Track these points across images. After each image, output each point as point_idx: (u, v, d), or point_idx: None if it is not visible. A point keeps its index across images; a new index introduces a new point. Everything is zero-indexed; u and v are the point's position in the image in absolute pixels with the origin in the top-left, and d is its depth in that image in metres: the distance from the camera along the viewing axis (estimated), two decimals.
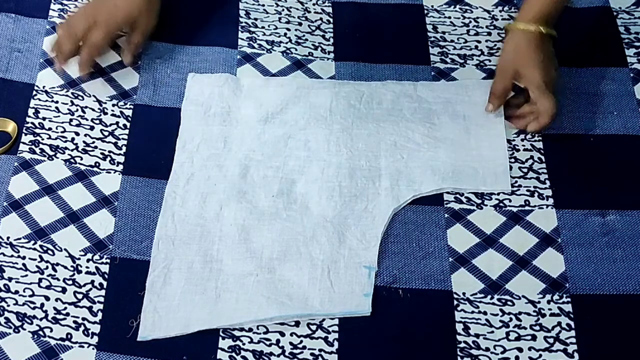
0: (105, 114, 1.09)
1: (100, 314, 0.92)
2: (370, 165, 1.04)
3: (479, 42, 1.18)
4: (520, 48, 1.05)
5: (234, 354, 0.90)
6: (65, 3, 1.21)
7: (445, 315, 0.93)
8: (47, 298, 0.93)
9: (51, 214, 0.99)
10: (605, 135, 1.08)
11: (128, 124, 1.09)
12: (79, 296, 0.94)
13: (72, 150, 1.05)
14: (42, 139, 1.06)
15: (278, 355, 0.90)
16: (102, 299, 0.93)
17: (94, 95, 1.11)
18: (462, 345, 0.91)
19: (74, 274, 0.95)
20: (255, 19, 1.21)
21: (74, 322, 0.92)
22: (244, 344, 0.91)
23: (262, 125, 1.08)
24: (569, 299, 0.94)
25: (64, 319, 0.92)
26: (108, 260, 0.96)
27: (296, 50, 1.18)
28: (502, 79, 1.07)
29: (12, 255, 0.96)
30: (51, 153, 1.05)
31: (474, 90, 1.12)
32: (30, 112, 1.09)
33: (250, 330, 0.92)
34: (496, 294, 0.94)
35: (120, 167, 1.04)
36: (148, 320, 0.91)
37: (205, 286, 0.94)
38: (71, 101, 1.10)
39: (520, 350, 0.91)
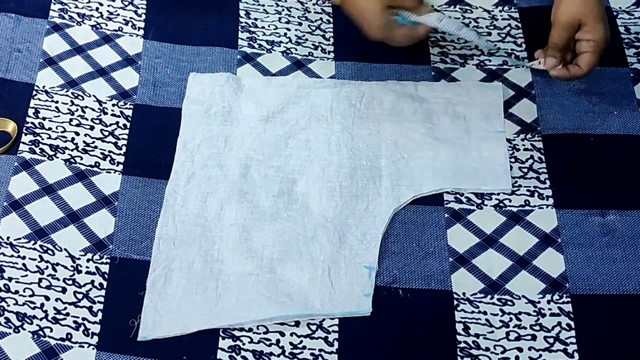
0: (105, 114, 1.09)
1: (100, 314, 0.92)
2: (371, 165, 1.04)
3: None
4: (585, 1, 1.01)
5: (234, 354, 0.90)
6: (65, 3, 1.21)
7: (445, 315, 0.93)
8: (47, 298, 0.93)
9: (51, 214, 0.99)
10: (605, 135, 1.08)
11: (128, 124, 1.09)
12: (79, 296, 0.94)
13: (72, 150, 1.05)
14: (42, 139, 1.06)
15: (278, 355, 0.90)
16: (102, 299, 0.93)
17: (94, 95, 1.11)
18: (462, 345, 0.91)
19: (74, 274, 0.95)
20: (255, 19, 1.21)
21: (74, 322, 0.92)
22: (244, 344, 0.91)
23: (263, 125, 1.08)
24: (569, 299, 0.94)
25: (64, 319, 0.92)
26: (108, 260, 0.96)
27: (296, 50, 1.18)
28: (560, 32, 1.02)
29: (12, 255, 0.96)
30: (51, 153, 1.05)
31: (474, 92, 1.12)
32: (30, 112, 1.09)
33: (250, 330, 0.92)
34: (496, 294, 0.94)
35: (120, 167, 1.04)
36: (148, 320, 0.91)
37: (206, 286, 0.94)
38: (71, 101, 1.10)
39: (520, 350, 0.91)
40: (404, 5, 1.07)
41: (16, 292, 0.93)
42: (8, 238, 0.97)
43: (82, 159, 1.05)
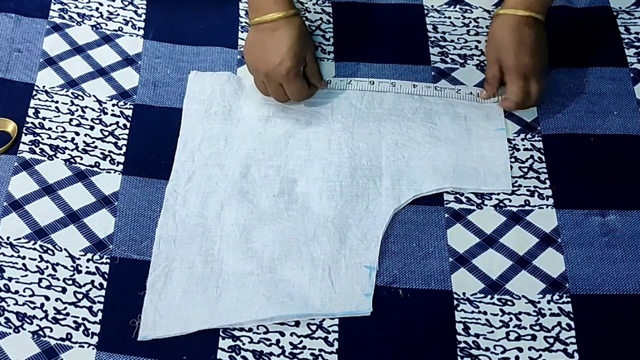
0: (105, 114, 1.09)
1: (100, 314, 0.92)
2: (372, 165, 1.04)
3: (479, 42, 1.18)
4: (498, 33, 1.06)
5: (234, 354, 0.90)
6: (65, 3, 1.21)
7: (445, 315, 0.93)
8: (47, 298, 0.93)
9: (51, 214, 0.99)
10: (605, 135, 1.08)
11: (128, 124, 1.09)
12: (79, 296, 0.94)
13: (72, 150, 1.05)
14: (42, 139, 1.06)
15: (278, 355, 0.90)
16: (102, 299, 0.93)
17: (94, 95, 1.11)
18: (462, 345, 0.91)
19: (74, 274, 0.95)
20: None
21: (74, 322, 0.92)
22: (244, 344, 0.91)
23: (263, 124, 1.08)
24: (569, 299, 0.94)
25: (64, 319, 0.92)
26: (108, 260, 0.96)
27: None
28: (489, 66, 1.09)
29: (12, 255, 0.96)
30: (51, 153, 1.05)
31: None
32: (30, 112, 1.09)
33: (250, 330, 0.92)
34: (496, 294, 0.94)
35: (120, 167, 1.04)
36: (149, 319, 0.91)
37: (206, 286, 0.94)
38: (71, 101, 1.10)
39: (520, 350, 0.91)
40: (309, 67, 1.08)
41: (16, 292, 0.93)
42: (8, 238, 0.97)
43: (82, 159, 1.05)
